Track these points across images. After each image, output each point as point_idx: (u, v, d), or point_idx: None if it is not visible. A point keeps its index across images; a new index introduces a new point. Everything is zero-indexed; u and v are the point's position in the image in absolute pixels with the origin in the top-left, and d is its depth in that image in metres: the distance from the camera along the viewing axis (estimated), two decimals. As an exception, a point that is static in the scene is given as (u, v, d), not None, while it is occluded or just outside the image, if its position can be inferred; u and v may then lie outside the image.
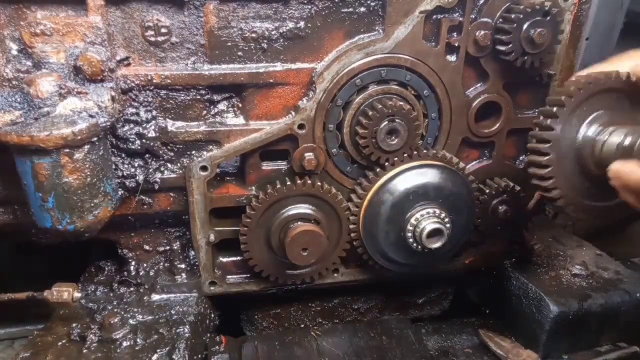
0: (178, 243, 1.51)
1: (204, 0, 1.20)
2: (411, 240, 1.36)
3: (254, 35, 1.25)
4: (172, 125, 1.30)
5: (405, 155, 1.37)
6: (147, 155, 1.31)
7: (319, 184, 1.36)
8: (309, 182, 1.35)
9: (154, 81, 1.23)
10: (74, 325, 1.36)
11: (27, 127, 1.05)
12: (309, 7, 1.25)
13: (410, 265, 1.52)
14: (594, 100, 1.12)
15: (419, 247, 1.36)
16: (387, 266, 1.52)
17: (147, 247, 1.50)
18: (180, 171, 1.35)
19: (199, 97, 1.29)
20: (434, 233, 1.34)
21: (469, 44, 1.33)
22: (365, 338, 1.57)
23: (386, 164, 1.37)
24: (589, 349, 1.59)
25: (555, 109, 1.11)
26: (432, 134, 1.44)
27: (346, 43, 1.30)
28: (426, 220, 1.34)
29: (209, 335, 1.52)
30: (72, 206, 1.14)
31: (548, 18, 1.29)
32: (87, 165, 1.13)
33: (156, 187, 1.33)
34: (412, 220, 1.35)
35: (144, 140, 1.27)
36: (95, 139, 1.13)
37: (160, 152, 1.31)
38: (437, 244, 1.34)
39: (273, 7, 1.24)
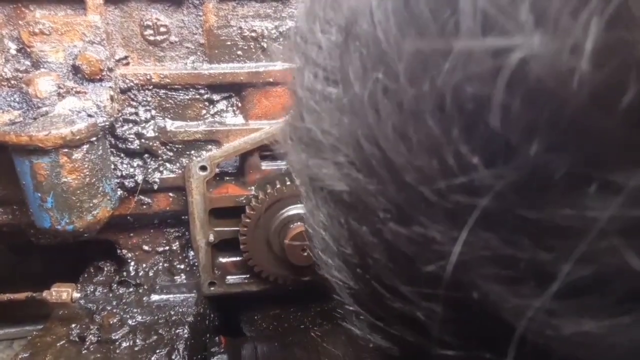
0: (177, 243, 1.51)
1: (203, -1, 1.20)
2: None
3: (253, 34, 1.24)
4: (171, 125, 1.30)
5: (406, 155, 1.37)
6: (146, 155, 1.31)
7: (319, 183, 1.36)
8: (309, 182, 1.34)
9: (153, 80, 1.23)
10: (73, 325, 1.35)
11: (26, 127, 1.05)
12: (309, 6, 1.25)
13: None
14: None
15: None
16: (388, 266, 1.52)
17: (146, 248, 1.49)
18: (180, 171, 1.34)
19: (198, 96, 1.29)
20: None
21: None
22: (365, 338, 1.57)
23: (386, 163, 1.36)
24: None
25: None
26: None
27: (346, 42, 1.29)
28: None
29: (208, 335, 1.52)
30: (71, 206, 1.14)
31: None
32: (86, 165, 1.13)
33: (155, 187, 1.33)
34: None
35: (143, 140, 1.27)
36: (94, 138, 1.13)
37: (159, 152, 1.31)
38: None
39: (273, 6, 1.23)
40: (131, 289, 1.49)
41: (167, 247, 1.51)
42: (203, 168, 1.32)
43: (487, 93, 0.28)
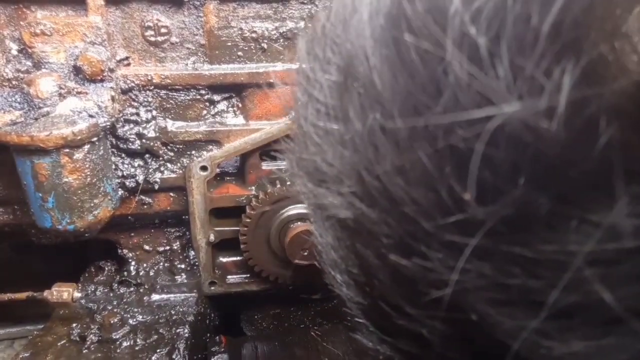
0: (178, 243, 1.51)
1: (203, 0, 1.20)
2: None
3: (254, 35, 1.25)
4: (172, 125, 1.30)
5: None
6: (147, 155, 1.31)
7: (319, 184, 1.36)
8: (309, 182, 1.34)
9: (154, 81, 1.24)
10: (74, 325, 1.36)
11: (27, 127, 1.05)
12: (309, 7, 1.25)
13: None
14: None
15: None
16: (387, 266, 1.52)
17: (147, 247, 1.50)
18: (180, 171, 1.35)
19: (199, 97, 1.29)
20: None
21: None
22: (365, 338, 1.57)
23: (386, 164, 1.37)
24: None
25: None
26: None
27: (346, 43, 1.30)
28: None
29: (208, 335, 1.52)
30: (72, 206, 1.14)
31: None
32: (87, 165, 1.13)
33: (156, 187, 1.33)
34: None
35: (144, 140, 1.27)
36: (95, 139, 1.13)
37: (160, 152, 1.31)
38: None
39: (273, 7, 1.24)
40: (132, 289, 1.49)
41: (167, 247, 1.51)
42: (204, 168, 1.32)
43: (471, 146, 0.30)
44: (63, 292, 1.33)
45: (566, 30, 0.28)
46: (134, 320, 1.40)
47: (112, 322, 1.33)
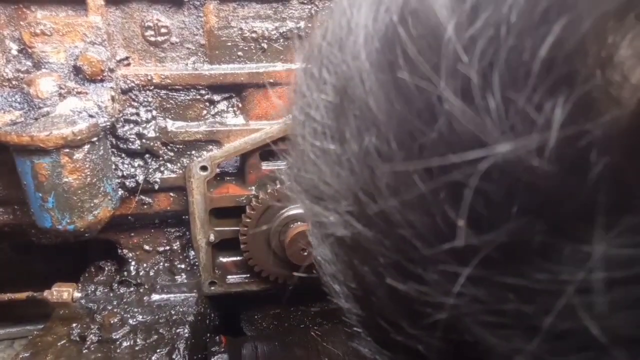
0: (178, 243, 1.51)
1: (203, 0, 1.20)
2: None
3: (254, 35, 1.25)
4: (172, 125, 1.30)
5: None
6: (147, 155, 1.31)
7: (319, 184, 1.36)
8: (309, 182, 1.34)
9: (154, 81, 1.24)
10: (74, 325, 1.36)
11: (27, 127, 1.05)
12: (309, 7, 1.25)
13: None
14: None
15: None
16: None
17: (147, 247, 1.50)
18: (180, 171, 1.35)
19: (199, 97, 1.29)
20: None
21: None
22: (365, 338, 1.57)
23: (386, 164, 1.37)
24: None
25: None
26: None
27: (346, 43, 1.30)
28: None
29: (208, 335, 1.52)
30: (72, 206, 1.14)
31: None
32: (87, 165, 1.13)
33: (156, 187, 1.33)
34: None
35: (144, 140, 1.27)
36: (95, 139, 1.13)
37: (160, 152, 1.31)
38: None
39: (273, 7, 1.24)
40: (132, 289, 1.49)
41: (167, 247, 1.51)
42: (204, 168, 1.32)
43: (465, 180, 0.31)
44: (63, 292, 1.33)
45: (559, 63, 0.28)
46: (134, 320, 1.40)
47: (112, 322, 1.33)
